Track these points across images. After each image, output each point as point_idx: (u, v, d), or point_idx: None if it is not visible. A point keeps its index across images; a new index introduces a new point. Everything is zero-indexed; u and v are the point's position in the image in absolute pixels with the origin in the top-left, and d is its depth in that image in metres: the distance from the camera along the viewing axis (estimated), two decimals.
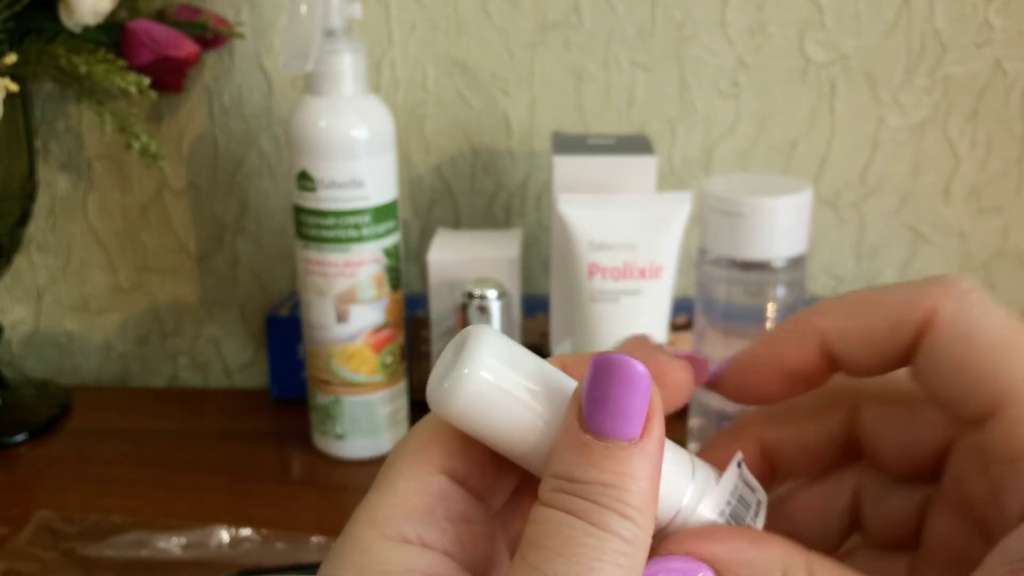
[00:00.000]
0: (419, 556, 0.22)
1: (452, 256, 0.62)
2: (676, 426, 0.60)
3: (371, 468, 0.61)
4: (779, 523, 0.27)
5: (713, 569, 0.22)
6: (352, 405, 0.61)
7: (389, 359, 0.62)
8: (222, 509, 0.57)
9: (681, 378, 0.26)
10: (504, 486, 0.24)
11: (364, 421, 0.62)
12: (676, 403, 0.26)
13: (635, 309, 0.55)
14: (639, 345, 0.26)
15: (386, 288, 0.60)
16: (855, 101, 0.68)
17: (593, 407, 0.21)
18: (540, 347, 0.67)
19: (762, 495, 0.25)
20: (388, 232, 0.60)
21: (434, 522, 0.22)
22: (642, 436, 0.21)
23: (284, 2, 0.68)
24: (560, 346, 0.61)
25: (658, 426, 0.21)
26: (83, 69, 0.59)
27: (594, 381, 0.21)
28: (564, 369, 0.24)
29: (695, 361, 0.26)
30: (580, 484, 0.21)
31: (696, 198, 0.63)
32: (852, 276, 0.72)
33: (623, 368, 0.21)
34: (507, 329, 0.57)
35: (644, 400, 0.21)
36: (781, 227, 0.55)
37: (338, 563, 0.22)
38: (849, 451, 0.27)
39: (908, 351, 0.24)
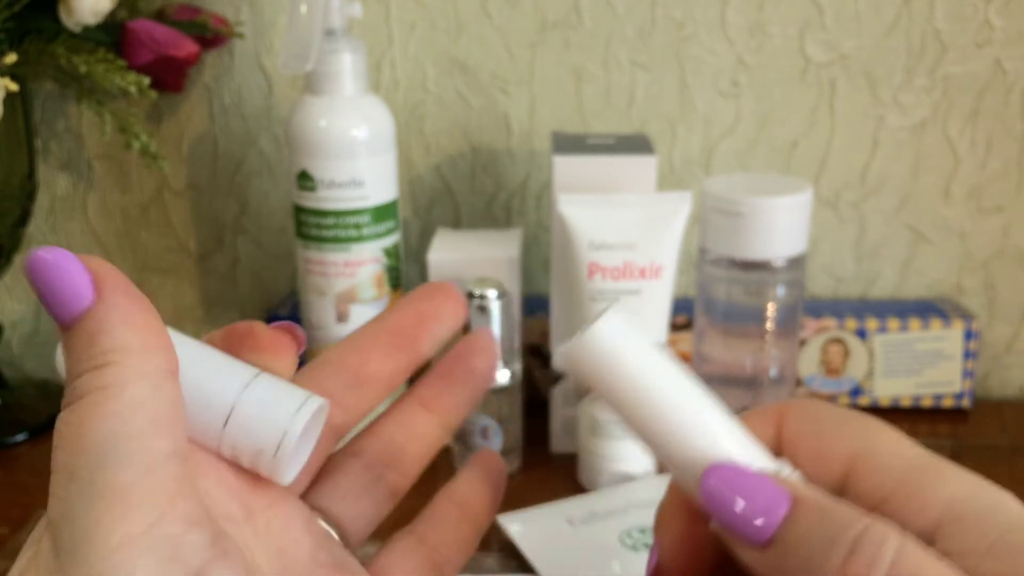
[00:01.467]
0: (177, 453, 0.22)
1: (452, 256, 0.62)
2: None
3: None
4: None
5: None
6: None
7: None
8: None
9: (272, 336, 0.26)
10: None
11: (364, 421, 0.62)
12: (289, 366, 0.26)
13: (635, 309, 0.55)
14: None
15: (386, 288, 0.60)
16: (855, 101, 0.68)
17: (46, 301, 0.22)
18: (540, 347, 0.67)
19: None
20: (388, 232, 0.60)
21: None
22: (97, 298, 0.22)
23: (284, 2, 0.68)
24: (560, 346, 0.60)
25: (110, 286, 0.22)
26: (83, 69, 0.59)
27: (39, 285, 0.22)
28: None
29: (290, 328, 0.26)
30: (72, 379, 0.21)
31: (696, 198, 0.64)
32: (852, 276, 0.72)
33: (39, 262, 0.22)
34: (507, 329, 0.57)
35: (71, 276, 0.22)
36: (781, 227, 0.55)
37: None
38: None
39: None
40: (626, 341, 0.24)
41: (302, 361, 0.27)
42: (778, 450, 0.25)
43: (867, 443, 0.23)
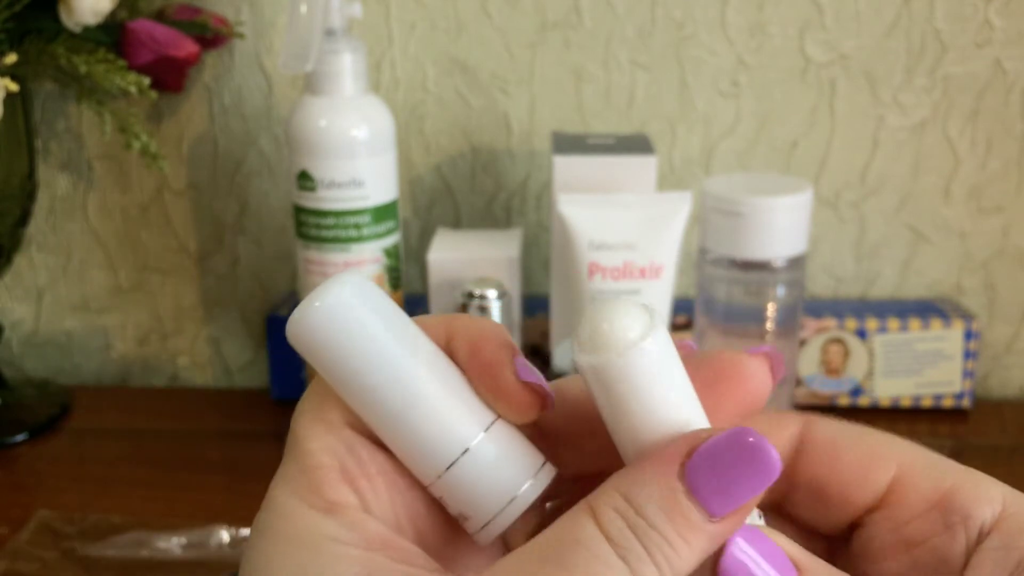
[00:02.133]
0: (343, 525, 0.21)
1: (452, 256, 0.62)
2: None
3: None
4: None
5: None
6: None
7: None
8: (222, 509, 0.57)
9: (761, 382, 0.24)
10: None
11: None
12: (756, 406, 0.24)
13: None
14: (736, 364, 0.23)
15: (386, 288, 0.60)
16: (855, 101, 0.68)
17: (705, 473, 0.20)
18: (540, 347, 0.67)
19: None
20: (388, 232, 0.60)
21: (350, 479, 0.22)
22: (724, 518, 0.20)
23: (284, 2, 0.68)
24: (560, 346, 0.61)
25: (744, 515, 0.20)
26: (83, 69, 0.59)
27: (724, 452, 0.20)
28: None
29: (772, 357, 0.24)
30: (645, 524, 0.19)
31: (696, 198, 0.64)
32: (852, 276, 0.72)
33: (761, 459, 0.20)
34: (507, 329, 0.57)
35: (756, 492, 0.20)
36: (781, 227, 0.55)
37: (269, 543, 0.21)
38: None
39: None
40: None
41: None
42: (794, 456, 0.24)
43: (910, 448, 0.23)
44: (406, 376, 0.21)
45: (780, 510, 0.25)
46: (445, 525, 0.23)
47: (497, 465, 0.22)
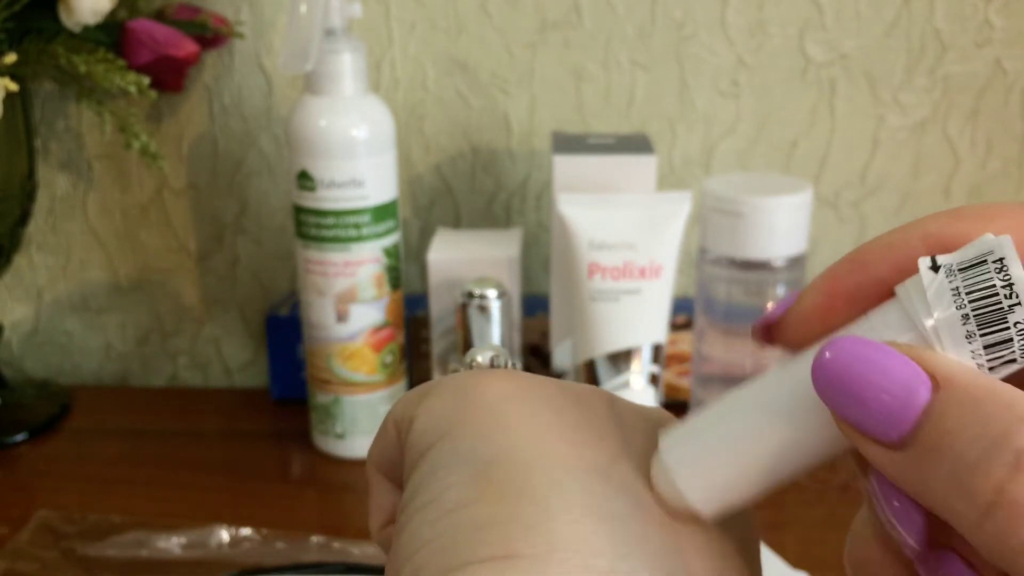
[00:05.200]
0: None
1: (452, 256, 0.62)
2: None
3: None
4: None
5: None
6: (352, 404, 0.61)
7: (389, 358, 0.62)
8: (222, 509, 0.57)
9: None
10: None
11: (364, 420, 0.62)
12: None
13: (635, 309, 0.55)
14: None
15: (386, 288, 0.60)
16: (855, 101, 0.68)
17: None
18: (540, 347, 0.67)
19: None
20: (388, 232, 0.60)
21: None
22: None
23: (284, 2, 0.68)
24: (560, 346, 0.61)
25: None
26: (83, 69, 0.59)
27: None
28: None
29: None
30: None
31: (696, 198, 0.63)
32: None
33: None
34: (507, 329, 0.57)
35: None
36: (781, 227, 0.55)
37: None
38: None
39: None
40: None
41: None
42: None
43: None
44: None
45: None
46: None
47: None
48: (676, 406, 0.61)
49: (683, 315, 0.66)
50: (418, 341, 0.67)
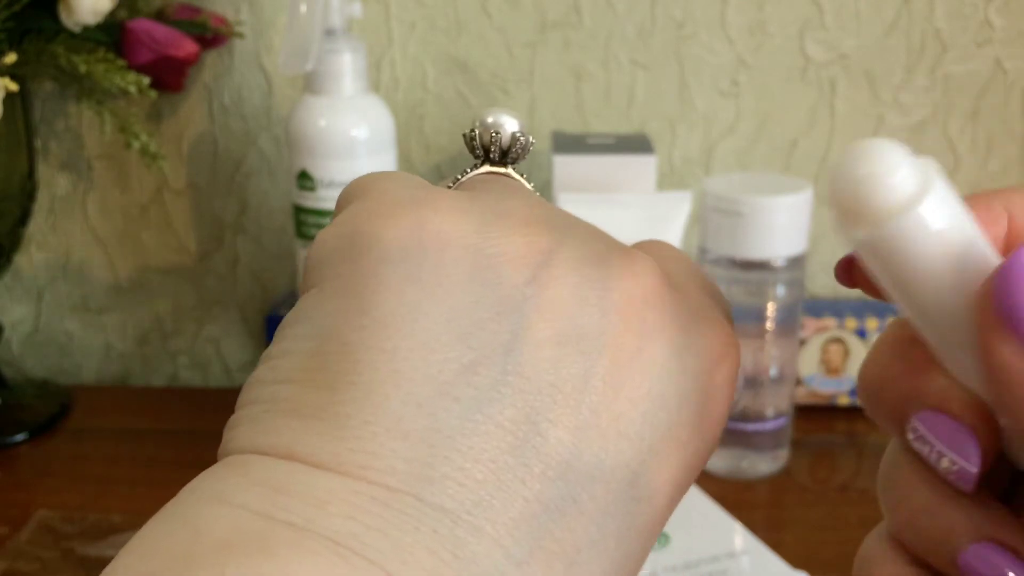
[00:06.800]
0: None
1: None
2: None
3: None
4: None
5: None
6: None
7: None
8: None
9: None
10: None
11: None
12: None
13: None
14: None
15: None
16: (855, 100, 0.68)
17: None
18: None
19: None
20: None
21: None
22: None
23: (284, 1, 0.68)
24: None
25: None
26: (83, 68, 0.59)
27: None
28: None
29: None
30: None
31: (696, 198, 0.64)
32: None
33: None
34: None
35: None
36: (781, 226, 0.55)
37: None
38: None
39: None
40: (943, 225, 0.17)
41: None
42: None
43: None
44: None
45: None
46: None
47: None
48: None
49: None
50: None
